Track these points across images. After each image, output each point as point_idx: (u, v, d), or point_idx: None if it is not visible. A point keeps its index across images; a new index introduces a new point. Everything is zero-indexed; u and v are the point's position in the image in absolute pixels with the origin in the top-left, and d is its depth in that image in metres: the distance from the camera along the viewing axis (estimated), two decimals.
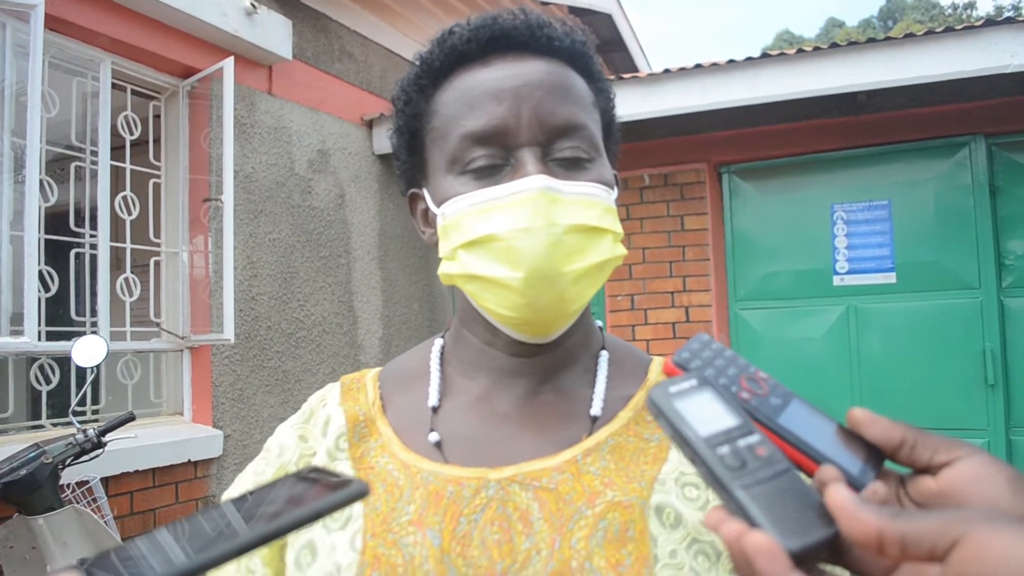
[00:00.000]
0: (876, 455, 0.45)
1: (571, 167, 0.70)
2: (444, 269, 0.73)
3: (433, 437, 0.72)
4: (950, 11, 34.44)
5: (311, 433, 0.78)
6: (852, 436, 0.46)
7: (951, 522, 0.34)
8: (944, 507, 0.41)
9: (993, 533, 0.33)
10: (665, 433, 0.44)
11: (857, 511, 0.37)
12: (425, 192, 0.77)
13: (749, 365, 0.49)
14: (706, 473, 0.41)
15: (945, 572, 0.34)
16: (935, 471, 0.43)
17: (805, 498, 0.39)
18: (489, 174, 0.69)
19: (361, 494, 0.42)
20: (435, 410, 0.75)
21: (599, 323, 0.83)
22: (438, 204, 0.73)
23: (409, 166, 0.79)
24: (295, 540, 0.71)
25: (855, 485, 0.41)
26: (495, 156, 0.69)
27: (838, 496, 0.38)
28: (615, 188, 0.75)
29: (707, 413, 0.43)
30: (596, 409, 0.72)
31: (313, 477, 0.44)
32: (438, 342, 0.82)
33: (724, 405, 0.44)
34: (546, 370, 0.75)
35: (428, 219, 0.77)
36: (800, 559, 0.36)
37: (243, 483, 0.78)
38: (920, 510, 0.41)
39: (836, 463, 0.43)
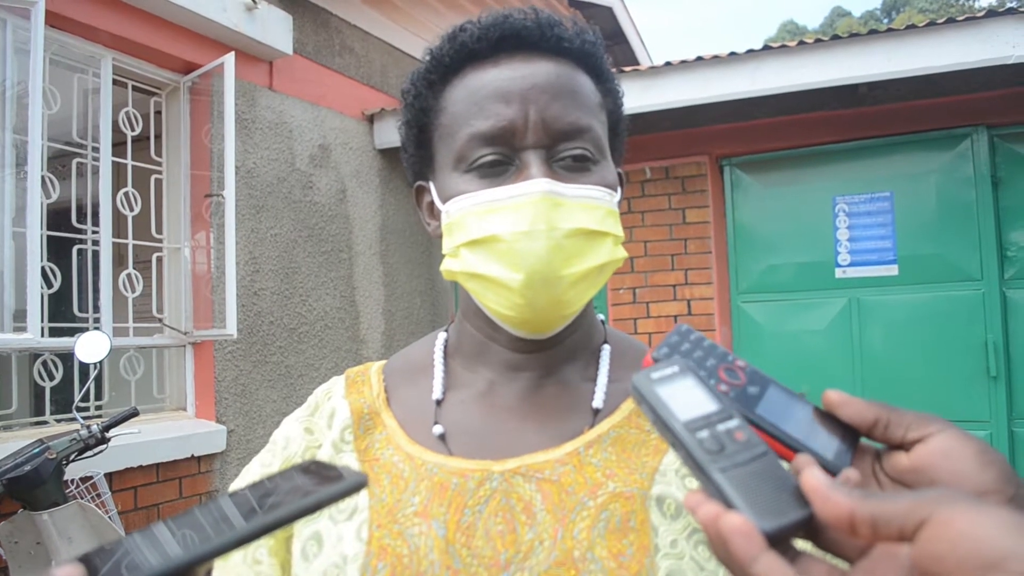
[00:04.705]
0: (852, 435, 0.47)
1: (575, 169, 0.70)
2: (447, 266, 0.74)
3: (437, 430, 0.73)
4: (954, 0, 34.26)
5: (317, 426, 0.79)
6: (829, 418, 0.48)
7: (918, 503, 0.35)
8: (917, 482, 0.43)
9: (956, 512, 0.34)
10: (647, 418, 0.45)
11: (830, 493, 0.38)
12: (431, 186, 0.78)
13: (727, 354, 0.51)
14: (685, 457, 0.42)
15: (914, 551, 0.35)
16: (908, 447, 0.44)
17: (781, 481, 0.40)
18: (494, 173, 0.70)
19: (359, 486, 0.43)
20: (439, 403, 0.76)
21: (601, 317, 0.84)
22: (443, 201, 0.74)
23: (417, 159, 0.80)
24: (302, 531, 0.72)
25: (830, 471, 0.43)
26: (500, 155, 0.70)
27: (812, 479, 0.39)
28: (618, 189, 0.75)
29: (688, 398, 0.44)
30: (598, 401, 0.73)
31: (312, 470, 0.45)
32: (442, 336, 0.83)
33: (705, 391, 0.45)
34: (548, 364, 0.76)
35: (434, 212, 0.78)
36: (775, 540, 0.37)
37: (250, 475, 0.79)
38: (891, 492, 0.43)
39: (811, 450, 0.45)
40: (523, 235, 0.67)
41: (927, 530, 0.34)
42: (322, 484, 0.42)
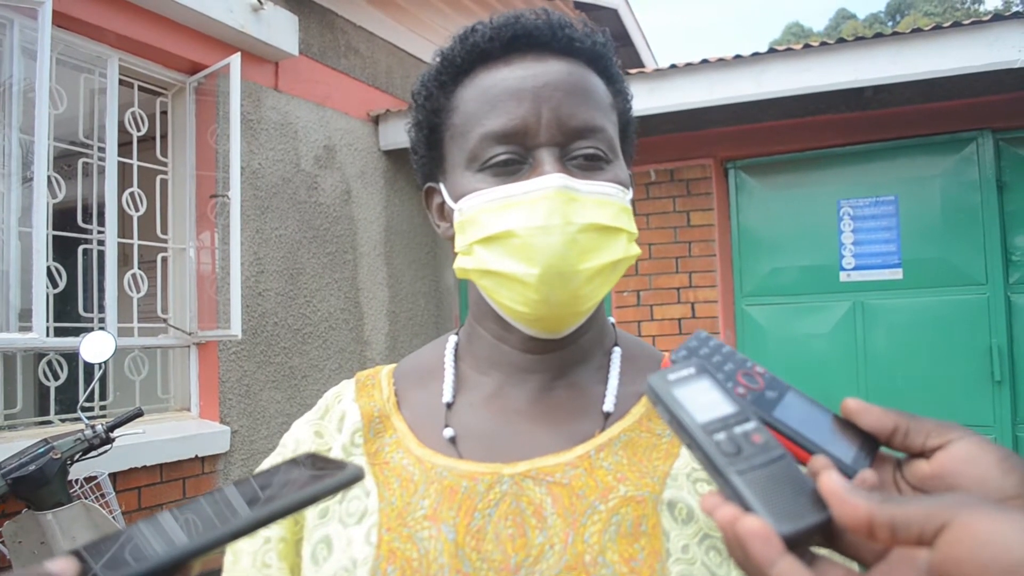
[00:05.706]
0: (871, 443, 0.47)
1: (588, 167, 0.70)
2: (460, 263, 0.73)
3: (448, 433, 0.73)
4: (959, 3, 34.17)
5: (326, 429, 0.79)
6: (847, 425, 0.47)
7: (938, 507, 0.35)
8: (938, 489, 0.43)
9: (977, 517, 0.34)
10: (663, 419, 0.45)
11: (848, 496, 0.38)
12: (442, 187, 0.77)
13: (746, 360, 0.51)
14: (702, 458, 0.42)
15: (933, 555, 0.35)
16: (929, 455, 0.44)
17: (799, 484, 0.40)
18: (507, 172, 0.70)
19: (356, 478, 0.43)
20: (449, 406, 0.76)
21: (612, 320, 0.84)
22: (455, 199, 0.73)
23: (427, 161, 0.80)
24: (312, 534, 0.71)
25: (847, 473, 0.43)
26: (514, 154, 0.70)
27: (830, 482, 0.39)
28: (630, 188, 0.75)
29: (704, 400, 0.44)
30: (609, 405, 0.73)
31: (310, 463, 0.45)
32: (452, 338, 0.83)
33: (721, 393, 0.45)
34: (559, 366, 0.76)
35: (444, 213, 0.78)
36: (793, 543, 0.37)
37: None
38: (909, 495, 0.42)
39: (828, 452, 0.45)
40: (538, 230, 0.66)
41: (947, 534, 0.34)
42: (322, 476, 0.43)
